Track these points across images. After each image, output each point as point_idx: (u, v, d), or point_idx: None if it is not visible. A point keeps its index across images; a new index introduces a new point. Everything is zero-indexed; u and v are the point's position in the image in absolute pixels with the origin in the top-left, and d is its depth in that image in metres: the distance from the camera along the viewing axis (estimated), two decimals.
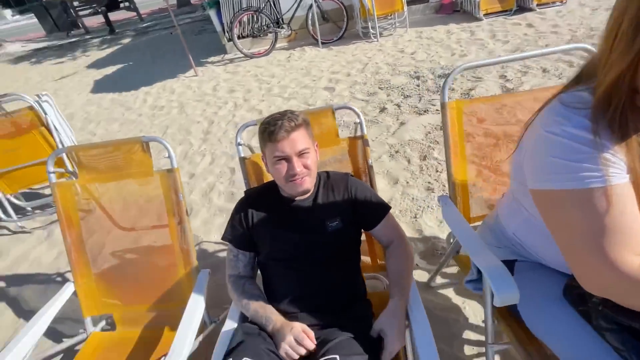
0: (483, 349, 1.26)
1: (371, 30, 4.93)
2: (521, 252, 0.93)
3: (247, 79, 4.53)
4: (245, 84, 4.36)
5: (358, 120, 1.27)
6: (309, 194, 1.06)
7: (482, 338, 1.29)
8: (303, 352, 0.86)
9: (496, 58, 1.12)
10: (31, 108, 2.24)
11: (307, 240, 1.00)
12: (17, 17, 22.65)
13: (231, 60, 5.42)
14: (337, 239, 1.03)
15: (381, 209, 1.09)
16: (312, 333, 0.90)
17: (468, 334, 1.32)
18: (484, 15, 4.87)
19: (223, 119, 3.56)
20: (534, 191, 0.71)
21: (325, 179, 1.11)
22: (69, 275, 2.02)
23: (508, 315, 0.95)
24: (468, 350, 1.27)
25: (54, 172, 1.32)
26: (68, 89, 5.74)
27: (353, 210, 1.06)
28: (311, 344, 0.87)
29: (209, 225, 2.19)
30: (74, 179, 2.35)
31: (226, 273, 1.11)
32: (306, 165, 0.98)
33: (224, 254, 1.96)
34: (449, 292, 1.48)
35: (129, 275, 1.39)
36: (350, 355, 0.81)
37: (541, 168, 0.66)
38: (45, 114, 2.23)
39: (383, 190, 2.14)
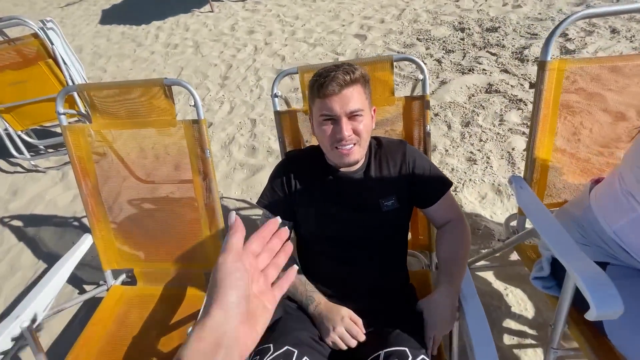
0: (525, 340, 1.17)
1: None
2: (617, 255, 0.78)
3: (269, 19, 4.10)
4: (266, 25, 3.95)
5: (421, 77, 1.05)
6: (359, 165, 0.90)
7: (524, 328, 1.21)
8: (354, 344, 0.77)
9: (621, 6, 0.85)
10: (35, 36, 2.02)
11: (359, 221, 0.86)
12: None
13: None
14: (393, 220, 0.88)
15: (441, 185, 0.93)
16: (360, 321, 0.80)
17: (508, 323, 1.23)
18: None
19: (242, 64, 3.27)
20: None
21: (376, 148, 0.94)
22: (86, 221, 1.97)
23: (582, 322, 0.83)
24: (507, 339, 1.19)
25: (64, 114, 1.16)
26: (75, 17, 5.34)
27: (410, 186, 0.90)
28: (363, 336, 0.78)
29: (228, 180, 2.07)
30: (87, 122, 2.21)
31: None
32: (357, 131, 0.81)
33: (244, 212, 1.86)
34: (489, 275, 1.37)
35: (150, 232, 1.30)
36: (419, 349, 0.73)
37: None
38: (52, 43, 2.01)
39: None
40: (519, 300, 1.27)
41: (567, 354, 0.85)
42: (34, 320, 1.00)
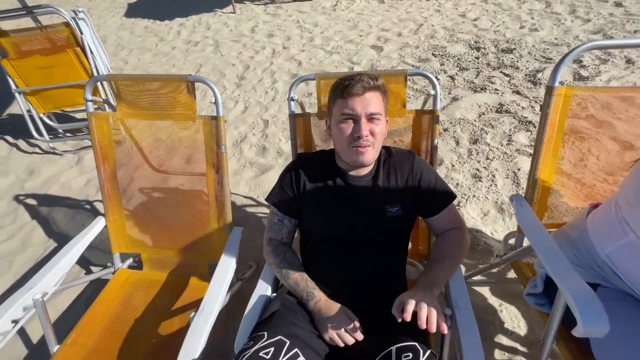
0: (515, 357, 1.19)
1: None
2: (609, 278, 0.80)
3: (288, 24, 4.19)
4: (285, 30, 4.05)
5: (433, 92, 1.09)
6: (368, 170, 0.94)
7: (516, 345, 1.23)
8: (351, 341, 0.80)
9: (634, 39, 0.88)
10: (67, 24, 2.11)
11: (364, 225, 0.90)
12: None
13: (272, 1, 5.01)
14: (396, 226, 0.92)
15: (445, 197, 0.96)
16: (357, 320, 0.83)
17: (500, 338, 1.25)
18: None
19: (259, 65, 3.35)
20: None
21: (386, 156, 0.98)
22: (97, 205, 2.04)
23: (570, 339, 0.85)
24: (499, 354, 1.21)
25: (91, 101, 1.22)
26: (102, 9, 5.51)
27: (415, 196, 0.94)
28: (360, 335, 0.81)
29: (237, 177, 2.12)
30: (107, 107, 2.29)
31: (266, 236, 1.03)
32: (373, 132, 0.87)
33: (251, 210, 1.91)
34: (485, 291, 1.39)
35: (161, 219, 1.35)
36: (426, 344, 0.75)
37: None
38: (82, 33, 2.10)
39: None
40: (512, 317, 1.29)
41: None
42: (45, 293, 1.05)
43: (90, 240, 1.27)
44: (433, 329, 0.70)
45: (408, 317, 0.69)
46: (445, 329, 0.72)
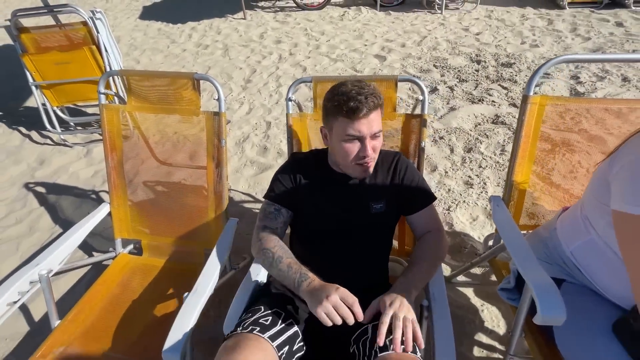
0: (493, 354, 1.24)
1: (437, 1, 4.51)
2: (573, 274, 0.86)
3: (296, 32, 4.32)
4: (293, 37, 4.17)
5: (421, 98, 1.17)
6: None
7: (495, 343, 1.27)
8: (349, 315, 0.74)
9: (604, 55, 0.95)
10: (85, 23, 2.23)
11: (350, 220, 0.97)
12: None
13: (282, 9, 5.17)
14: (379, 222, 0.99)
15: (426, 197, 1.03)
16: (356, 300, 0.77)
17: (480, 336, 1.30)
18: (568, 3, 4.32)
19: (266, 70, 3.46)
20: (620, 213, 0.63)
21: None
22: (103, 195, 2.12)
23: (537, 332, 0.91)
24: (477, 351, 1.25)
25: (104, 94, 1.32)
26: (118, 10, 5.71)
27: (398, 193, 1.01)
28: (360, 313, 0.75)
29: (238, 175, 2.20)
30: (117, 100, 2.40)
31: (258, 224, 1.02)
32: (375, 148, 0.91)
33: (249, 205, 1.98)
34: (469, 292, 1.44)
35: (161, 207, 1.43)
36: None
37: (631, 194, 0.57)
38: (98, 32, 2.22)
39: None
40: (493, 317, 1.34)
41: None
42: (50, 270, 1.13)
43: (94, 224, 1.35)
44: (409, 349, 0.72)
45: (381, 342, 0.71)
46: (422, 344, 0.74)
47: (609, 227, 0.70)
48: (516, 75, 2.96)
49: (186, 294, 0.98)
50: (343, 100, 0.85)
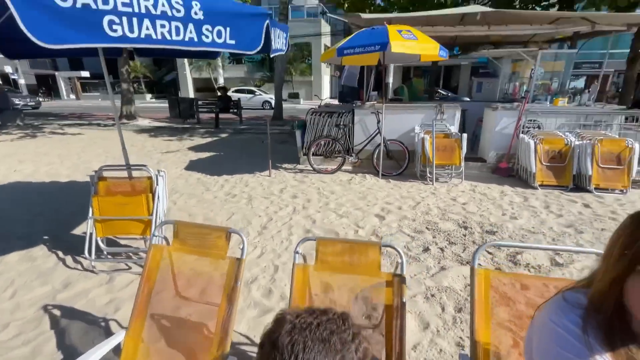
0: None
1: (428, 175, 5.50)
2: None
3: (310, 190, 5.17)
4: (307, 194, 4.97)
5: (400, 261, 1.50)
6: None
7: None
8: None
9: (527, 244, 1.32)
10: (149, 178, 2.93)
11: None
12: (154, 100, 30.23)
13: (301, 171, 6.30)
14: None
15: None
16: None
17: None
18: (539, 185, 5.17)
19: (281, 219, 4.02)
20: None
21: None
22: (110, 324, 2.24)
23: None
24: None
25: (156, 236, 1.72)
26: (169, 162, 7.06)
27: None
28: None
29: (240, 316, 2.33)
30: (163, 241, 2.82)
31: None
32: None
33: (245, 347, 2.04)
34: None
35: (169, 340, 1.58)
36: None
37: (538, 349, 0.80)
38: (157, 184, 2.88)
39: (412, 332, 2.14)
40: None
41: None
42: None
43: (106, 351, 1.49)
44: None
45: None
46: None
47: None
48: (503, 241, 3.34)
49: None
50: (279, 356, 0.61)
